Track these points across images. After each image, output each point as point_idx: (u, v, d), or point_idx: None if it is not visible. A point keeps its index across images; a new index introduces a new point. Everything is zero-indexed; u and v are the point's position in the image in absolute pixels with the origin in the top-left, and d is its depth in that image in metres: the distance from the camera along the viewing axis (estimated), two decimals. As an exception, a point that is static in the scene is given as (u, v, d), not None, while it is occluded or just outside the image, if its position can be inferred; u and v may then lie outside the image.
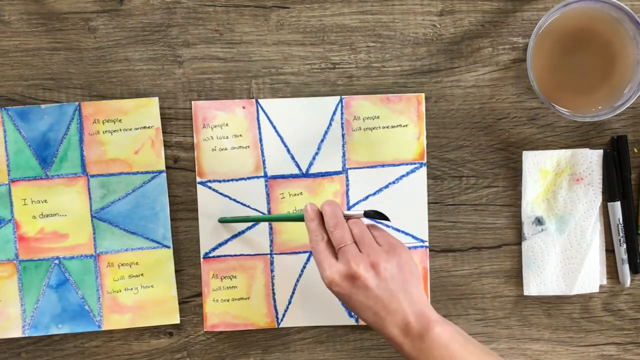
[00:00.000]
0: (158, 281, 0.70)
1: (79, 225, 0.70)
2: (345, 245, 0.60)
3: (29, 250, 0.70)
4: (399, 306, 0.58)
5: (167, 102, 0.70)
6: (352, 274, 0.58)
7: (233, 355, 0.71)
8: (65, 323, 0.70)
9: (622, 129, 0.70)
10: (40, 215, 0.70)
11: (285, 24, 0.70)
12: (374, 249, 0.60)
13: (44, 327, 0.70)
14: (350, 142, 0.70)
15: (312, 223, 0.62)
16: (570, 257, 0.70)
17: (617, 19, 0.65)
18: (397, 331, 0.59)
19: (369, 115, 0.69)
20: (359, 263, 0.59)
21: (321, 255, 0.60)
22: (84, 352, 0.71)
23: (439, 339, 0.58)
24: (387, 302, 0.58)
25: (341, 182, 0.70)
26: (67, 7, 0.70)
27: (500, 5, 0.70)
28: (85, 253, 0.70)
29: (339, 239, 0.60)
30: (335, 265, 0.59)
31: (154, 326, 0.71)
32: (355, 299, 0.59)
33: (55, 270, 0.70)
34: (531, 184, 0.70)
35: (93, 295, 0.70)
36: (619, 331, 0.71)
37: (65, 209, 0.70)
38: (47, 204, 0.70)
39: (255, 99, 0.70)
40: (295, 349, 0.71)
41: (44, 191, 0.70)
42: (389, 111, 0.69)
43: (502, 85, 0.70)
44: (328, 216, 0.61)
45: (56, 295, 0.70)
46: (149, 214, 0.70)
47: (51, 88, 0.70)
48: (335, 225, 0.61)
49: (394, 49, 0.70)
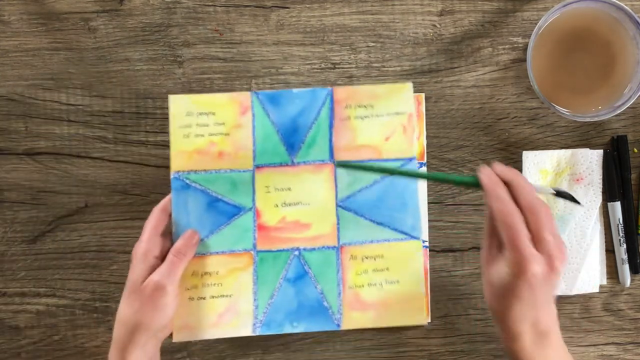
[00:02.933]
0: (405, 276, 0.66)
1: (323, 214, 0.67)
2: (548, 238, 0.54)
3: (268, 240, 0.67)
4: (546, 303, 0.56)
5: (167, 102, 0.70)
6: (553, 269, 0.54)
7: (233, 355, 0.71)
8: (301, 321, 0.66)
9: (622, 129, 0.70)
10: (283, 204, 0.67)
11: (285, 24, 0.70)
12: (562, 245, 0.56)
13: (277, 325, 0.66)
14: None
15: (500, 189, 0.56)
16: (570, 257, 0.70)
17: (617, 19, 0.65)
18: (528, 325, 0.56)
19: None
20: (558, 259, 0.54)
21: (521, 238, 0.54)
22: (84, 352, 0.71)
23: (558, 340, 0.57)
24: (548, 299, 0.56)
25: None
26: (67, 7, 0.70)
27: (500, 5, 0.70)
28: (327, 244, 0.67)
29: (540, 227, 0.55)
30: (538, 257, 0.54)
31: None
32: (534, 292, 0.54)
33: (294, 262, 0.67)
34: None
35: (333, 291, 0.66)
36: (619, 331, 0.71)
37: (309, 198, 0.67)
38: (290, 191, 0.67)
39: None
40: (295, 349, 0.71)
41: (288, 178, 0.67)
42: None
43: (502, 85, 0.70)
44: (524, 192, 0.55)
45: (293, 290, 0.66)
46: (397, 203, 0.66)
47: (51, 88, 0.70)
48: (535, 208, 0.55)
49: (394, 49, 0.70)
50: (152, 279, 0.62)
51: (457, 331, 0.71)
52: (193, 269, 0.67)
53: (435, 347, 0.71)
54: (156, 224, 0.65)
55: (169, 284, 0.62)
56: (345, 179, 0.67)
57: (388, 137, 0.67)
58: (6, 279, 0.71)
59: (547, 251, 0.54)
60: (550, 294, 0.56)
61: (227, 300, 0.67)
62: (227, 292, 0.67)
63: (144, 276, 0.62)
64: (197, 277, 0.67)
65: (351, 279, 0.67)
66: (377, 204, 0.67)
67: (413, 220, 0.67)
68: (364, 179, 0.67)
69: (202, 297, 0.67)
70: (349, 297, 0.66)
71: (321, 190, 0.67)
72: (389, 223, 0.67)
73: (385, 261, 0.67)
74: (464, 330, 0.71)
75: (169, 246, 0.65)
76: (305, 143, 0.67)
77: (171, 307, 0.63)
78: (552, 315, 0.57)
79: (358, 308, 0.66)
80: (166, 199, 0.67)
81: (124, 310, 0.62)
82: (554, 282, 0.55)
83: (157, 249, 0.64)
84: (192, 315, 0.66)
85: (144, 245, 0.63)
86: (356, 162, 0.67)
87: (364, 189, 0.67)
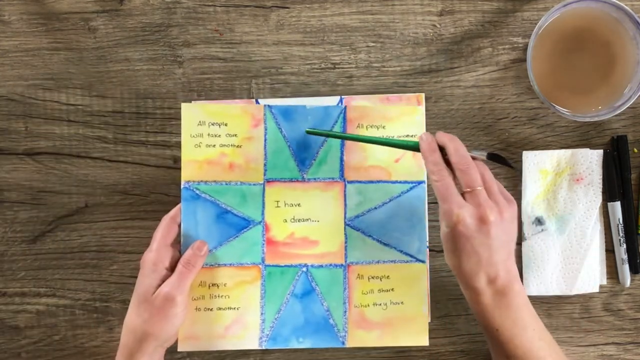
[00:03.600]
0: (409, 298, 0.67)
1: (331, 232, 0.67)
2: (477, 190, 0.58)
3: (277, 255, 0.67)
4: (499, 259, 0.58)
5: (167, 102, 0.70)
6: (483, 219, 0.57)
7: (233, 355, 0.71)
8: (307, 337, 0.67)
9: (622, 129, 0.70)
10: (292, 219, 0.67)
11: (285, 24, 0.70)
12: (500, 199, 0.59)
13: (283, 340, 0.67)
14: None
15: (435, 155, 0.60)
16: (570, 257, 0.70)
17: (617, 19, 0.65)
18: (484, 281, 0.58)
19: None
20: (492, 209, 0.58)
21: (450, 190, 0.59)
22: (84, 352, 0.71)
23: (517, 298, 0.59)
24: (494, 253, 0.58)
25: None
26: (67, 7, 0.70)
27: (500, 5, 0.70)
28: (335, 262, 0.67)
29: (469, 182, 0.59)
30: (466, 206, 0.58)
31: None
32: (472, 243, 0.58)
33: (301, 278, 0.67)
34: (531, 184, 0.70)
35: (339, 309, 0.67)
36: (619, 331, 0.71)
37: (319, 215, 0.67)
38: (300, 207, 0.67)
39: (256, 99, 0.70)
40: (295, 349, 0.71)
41: (298, 194, 0.67)
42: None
43: (502, 85, 0.70)
44: (455, 155, 0.60)
45: (300, 306, 0.67)
46: (405, 225, 0.67)
47: (51, 88, 0.70)
48: (466, 166, 0.59)
49: (394, 49, 0.70)
50: (162, 290, 0.62)
51: (457, 331, 0.71)
52: (201, 279, 0.67)
53: (435, 347, 0.71)
54: (165, 233, 0.65)
55: (179, 294, 0.62)
56: (355, 199, 0.68)
57: (398, 159, 0.68)
58: (6, 279, 0.71)
59: (476, 202, 0.58)
60: (495, 248, 0.58)
61: (235, 313, 0.67)
62: (234, 305, 0.67)
63: (154, 286, 0.63)
64: (204, 287, 0.67)
65: (357, 297, 0.67)
66: (384, 224, 0.67)
67: (419, 243, 0.67)
68: (374, 199, 0.68)
69: (209, 308, 0.67)
70: (355, 316, 0.67)
71: (330, 208, 0.68)
72: (395, 245, 0.67)
73: (391, 282, 0.67)
74: (464, 330, 0.71)
75: (177, 256, 0.66)
76: (316, 160, 0.68)
77: (180, 317, 0.63)
78: (510, 272, 0.59)
79: (363, 327, 0.67)
80: (176, 208, 0.67)
81: (134, 319, 0.63)
82: (492, 233, 0.57)
83: (167, 260, 0.64)
84: (199, 326, 0.67)
85: (153, 255, 0.64)
86: (324, 130, 0.67)
87: (372, 209, 0.68)
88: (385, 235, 0.67)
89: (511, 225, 0.60)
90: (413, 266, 0.67)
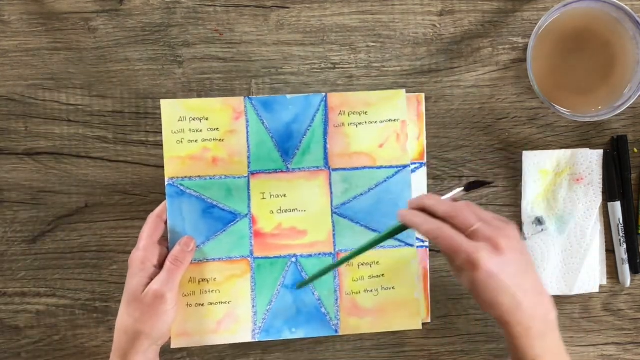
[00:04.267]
0: (400, 282, 0.67)
1: (319, 221, 0.67)
2: (476, 226, 0.56)
3: (265, 247, 0.67)
4: (529, 286, 0.56)
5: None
6: (499, 248, 0.55)
7: (233, 355, 0.71)
8: (300, 327, 0.67)
9: (622, 129, 0.70)
10: (279, 211, 0.67)
11: (285, 24, 0.70)
12: (500, 224, 0.57)
13: (276, 331, 0.67)
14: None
15: (421, 217, 0.57)
16: (570, 257, 0.70)
17: (617, 19, 0.65)
18: (528, 315, 0.56)
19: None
20: (499, 237, 0.55)
21: (455, 239, 0.55)
22: (84, 352, 0.71)
23: (555, 322, 0.58)
24: (522, 279, 0.56)
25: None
26: (67, 7, 0.70)
27: (500, 5, 0.70)
28: (324, 251, 0.67)
29: (465, 222, 0.56)
30: (478, 245, 0.55)
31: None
32: (506, 274, 0.55)
33: (291, 269, 0.67)
34: (531, 184, 0.70)
35: (330, 297, 0.67)
36: (619, 331, 0.71)
37: (305, 204, 0.67)
38: (286, 198, 0.67)
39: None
40: (295, 349, 0.71)
41: (283, 185, 0.67)
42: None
43: (502, 85, 0.70)
44: (438, 206, 0.57)
45: (291, 296, 0.67)
46: (392, 210, 0.67)
47: (51, 88, 0.70)
48: (454, 211, 0.57)
49: (394, 49, 0.70)
50: (152, 288, 0.62)
51: (457, 331, 0.71)
52: (190, 275, 0.67)
53: (435, 347, 0.71)
54: (152, 231, 0.65)
55: (168, 291, 0.62)
56: (340, 186, 0.68)
57: (382, 144, 0.68)
58: (6, 279, 0.71)
59: (483, 237, 0.55)
60: (522, 272, 0.56)
61: (226, 307, 0.67)
62: (225, 299, 0.67)
63: (143, 285, 0.63)
64: (194, 283, 0.67)
65: (348, 285, 0.67)
66: (372, 210, 0.67)
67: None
68: (360, 186, 0.68)
69: (200, 304, 0.67)
70: (346, 303, 0.67)
71: (316, 197, 0.67)
72: (383, 230, 0.66)
73: (381, 267, 0.67)
74: (464, 330, 0.71)
75: (165, 253, 0.66)
76: (299, 149, 0.67)
77: (171, 314, 0.63)
78: (543, 295, 0.57)
79: (355, 314, 0.67)
80: (161, 205, 0.67)
81: (125, 319, 0.63)
82: (511, 260, 0.55)
83: (155, 257, 0.64)
84: (191, 322, 0.67)
85: (141, 253, 0.64)
86: (314, 274, 0.66)
87: (359, 196, 0.68)
88: (373, 221, 0.67)
89: (522, 242, 0.58)
90: (402, 250, 0.68)
